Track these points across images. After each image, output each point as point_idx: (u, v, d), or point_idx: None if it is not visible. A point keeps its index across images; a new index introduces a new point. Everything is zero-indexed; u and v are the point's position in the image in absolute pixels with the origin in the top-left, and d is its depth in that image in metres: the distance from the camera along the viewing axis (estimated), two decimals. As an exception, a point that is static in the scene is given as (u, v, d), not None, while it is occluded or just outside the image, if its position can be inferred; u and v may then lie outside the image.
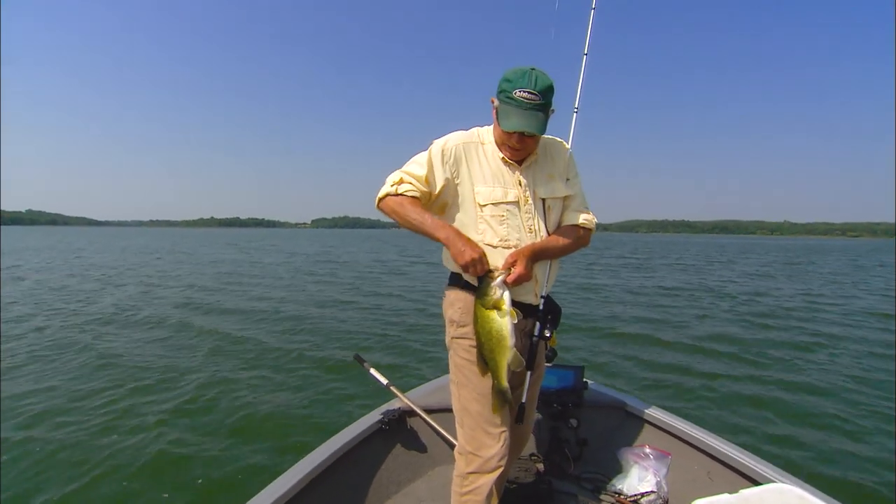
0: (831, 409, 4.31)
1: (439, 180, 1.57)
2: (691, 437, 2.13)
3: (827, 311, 9.78)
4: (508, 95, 1.48)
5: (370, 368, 2.57)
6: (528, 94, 1.45)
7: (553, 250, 1.61)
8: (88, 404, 4.14)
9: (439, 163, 1.56)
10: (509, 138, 1.53)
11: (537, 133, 1.49)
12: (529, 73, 1.47)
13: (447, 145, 1.58)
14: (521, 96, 1.46)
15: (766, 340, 6.92)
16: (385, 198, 1.59)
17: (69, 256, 22.79)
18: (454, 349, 1.67)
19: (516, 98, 1.46)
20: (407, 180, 1.57)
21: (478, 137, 1.63)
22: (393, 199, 1.57)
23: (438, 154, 1.57)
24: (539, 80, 1.47)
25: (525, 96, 1.46)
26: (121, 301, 9.65)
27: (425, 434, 2.34)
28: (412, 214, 1.53)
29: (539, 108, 1.47)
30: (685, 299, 11.09)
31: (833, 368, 5.58)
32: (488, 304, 1.44)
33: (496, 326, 1.44)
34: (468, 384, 1.61)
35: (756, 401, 4.48)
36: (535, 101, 1.46)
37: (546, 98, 1.48)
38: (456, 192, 1.59)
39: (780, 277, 17.15)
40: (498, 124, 1.55)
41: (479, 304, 1.46)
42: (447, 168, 1.57)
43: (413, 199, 1.56)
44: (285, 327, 7.40)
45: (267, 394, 4.49)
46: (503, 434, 1.57)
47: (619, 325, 7.95)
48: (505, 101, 1.49)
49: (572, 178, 1.70)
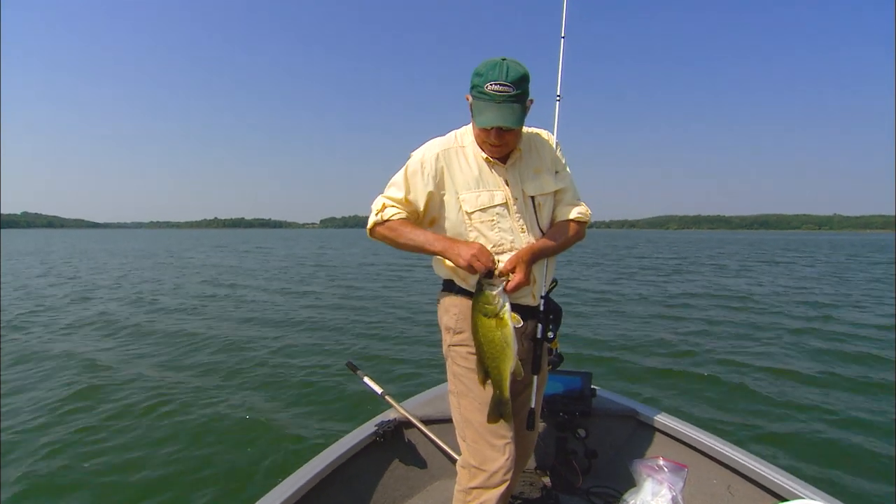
0: (865, 417, 4.22)
1: (421, 197, 1.59)
2: (709, 449, 2.10)
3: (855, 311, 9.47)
4: (480, 90, 1.46)
5: (364, 377, 2.57)
6: (501, 86, 1.43)
7: (550, 249, 1.62)
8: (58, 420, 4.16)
9: (419, 178, 1.57)
10: (488, 135, 1.52)
11: (514, 126, 1.47)
12: (500, 65, 1.45)
13: (425, 157, 1.59)
14: (494, 90, 1.44)
15: (796, 346, 6.77)
16: (374, 228, 1.62)
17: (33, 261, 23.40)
18: (452, 357, 1.67)
19: (488, 92, 1.45)
20: (389, 205, 1.60)
21: (456, 141, 1.63)
22: (382, 228, 1.60)
23: (417, 169, 1.58)
24: (511, 71, 1.44)
25: (497, 89, 1.44)
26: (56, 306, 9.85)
27: (423, 446, 2.33)
28: (403, 238, 1.57)
29: (514, 99, 1.45)
30: (708, 300, 10.95)
31: (877, 377, 5.41)
32: (490, 313, 1.44)
33: (498, 335, 1.44)
34: (469, 394, 1.61)
35: (781, 410, 4.41)
36: (509, 93, 1.44)
37: (520, 88, 1.45)
38: (442, 202, 1.60)
39: (820, 278, 16.65)
40: (475, 118, 1.54)
41: (478, 313, 1.46)
42: (429, 181, 1.57)
43: (402, 220, 1.59)
44: (268, 333, 7.39)
45: (250, 404, 4.47)
46: (508, 446, 1.56)
47: (630, 327, 7.87)
48: (477, 97, 1.48)
49: (561, 170, 1.70)
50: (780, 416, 4.30)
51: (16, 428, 3.95)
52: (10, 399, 4.59)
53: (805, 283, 14.48)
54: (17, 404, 4.46)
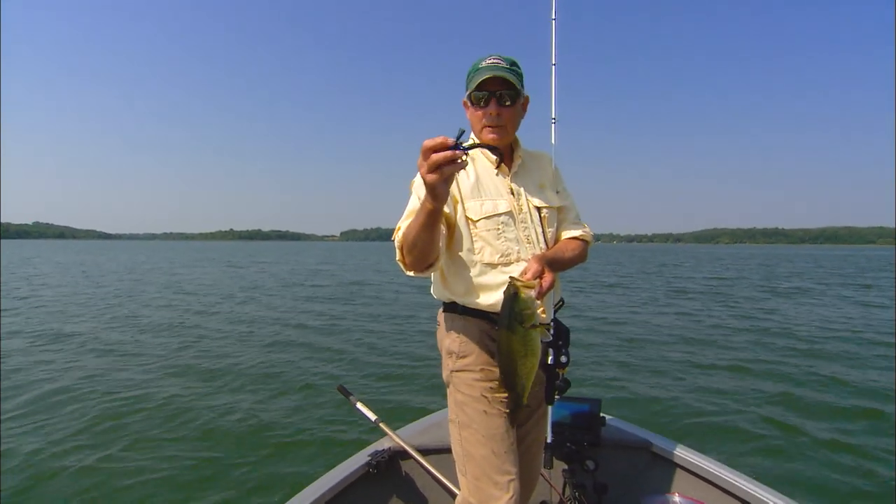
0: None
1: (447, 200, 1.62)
2: (729, 484, 2.07)
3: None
4: (475, 69, 1.60)
5: (356, 402, 2.58)
6: (494, 59, 1.60)
7: (561, 262, 1.64)
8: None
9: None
10: (485, 109, 1.60)
11: (506, 76, 1.55)
12: (490, 56, 1.62)
13: None
14: (487, 63, 1.60)
15: (843, 380, 6.40)
16: (400, 259, 1.51)
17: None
18: (454, 384, 1.68)
19: (481, 66, 1.59)
20: (404, 227, 1.60)
21: None
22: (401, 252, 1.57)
23: (421, 185, 1.63)
24: (502, 56, 1.61)
25: (491, 62, 1.60)
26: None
27: (420, 479, 2.33)
28: (410, 237, 1.39)
29: (509, 70, 1.58)
30: (743, 323, 10.63)
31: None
32: (528, 319, 1.38)
33: (531, 346, 1.43)
34: (471, 424, 1.61)
35: (810, 443, 4.30)
36: (502, 65, 1.58)
37: (515, 67, 1.61)
38: (454, 211, 1.64)
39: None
40: (472, 111, 1.65)
41: (513, 321, 1.40)
42: None
43: None
44: (248, 355, 7.39)
45: (230, 431, 4.48)
46: (512, 483, 1.55)
47: (645, 348, 7.74)
48: (472, 77, 1.60)
49: (562, 190, 1.79)
50: (809, 453, 4.18)
51: (15, 428, 4.20)
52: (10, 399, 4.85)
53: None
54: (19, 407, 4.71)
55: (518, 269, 1.55)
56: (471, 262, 1.61)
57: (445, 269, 1.68)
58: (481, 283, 1.61)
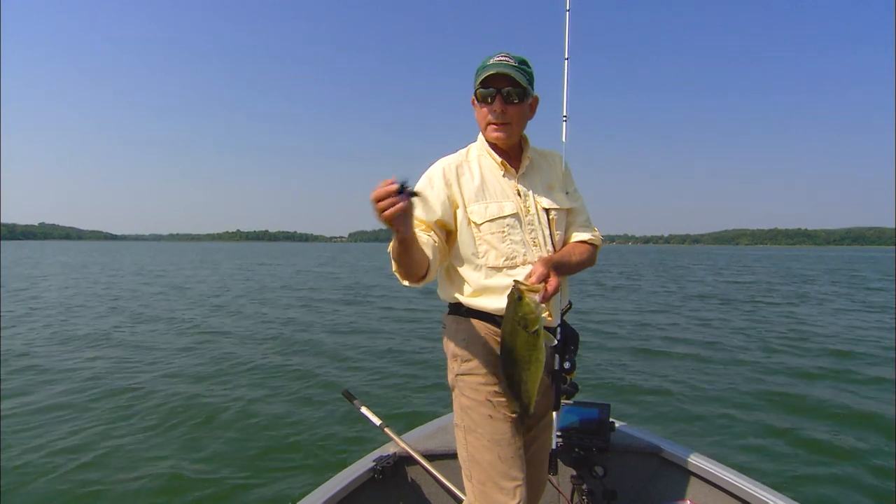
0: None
1: (433, 212, 1.60)
2: (742, 491, 2.06)
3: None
4: (482, 67, 1.61)
5: (361, 407, 2.60)
6: (501, 56, 1.61)
7: (568, 265, 1.65)
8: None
9: (429, 191, 1.63)
10: (490, 107, 1.62)
11: (512, 74, 1.56)
12: (498, 53, 1.63)
13: (432, 172, 1.67)
14: (494, 60, 1.61)
15: (865, 383, 6.39)
16: (396, 272, 1.54)
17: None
18: (459, 388, 1.68)
19: (488, 63, 1.61)
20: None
21: (463, 155, 1.73)
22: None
23: (426, 184, 1.65)
24: (511, 54, 1.62)
25: (498, 59, 1.61)
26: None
27: (426, 485, 2.34)
28: (392, 255, 1.44)
29: (516, 68, 1.59)
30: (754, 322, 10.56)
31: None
32: (532, 323, 1.40)
33: (535, 352, 1.44)
34: (477, 429, 1.61)
35: (827, 451, 4.27)
36: (510, 63, 1.59)
37: (523, 65, 1.61)
38: (454, 217, 1.65)
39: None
40: (478, 108, 1.67)
41: (516, 324, 1.42)
42: (440, 193, 1.62)
43: None
44: (252, 358, 7.39)
45: (234, 434, 4.50)
46: (519, 489, 1.55)
47: (655, 352, 7.70)
48: (479, 72, 1.62)
49: (572, 192, 1.78)
50: (826, 461, 4.14)
51: (16, 429, 4.29)
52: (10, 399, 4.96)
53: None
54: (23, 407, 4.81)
55: (523, 272, 1.55)
56: (476, 265, 1.62)
57: (451, 271, 1.69)
58: (486, 286, 1.61)
